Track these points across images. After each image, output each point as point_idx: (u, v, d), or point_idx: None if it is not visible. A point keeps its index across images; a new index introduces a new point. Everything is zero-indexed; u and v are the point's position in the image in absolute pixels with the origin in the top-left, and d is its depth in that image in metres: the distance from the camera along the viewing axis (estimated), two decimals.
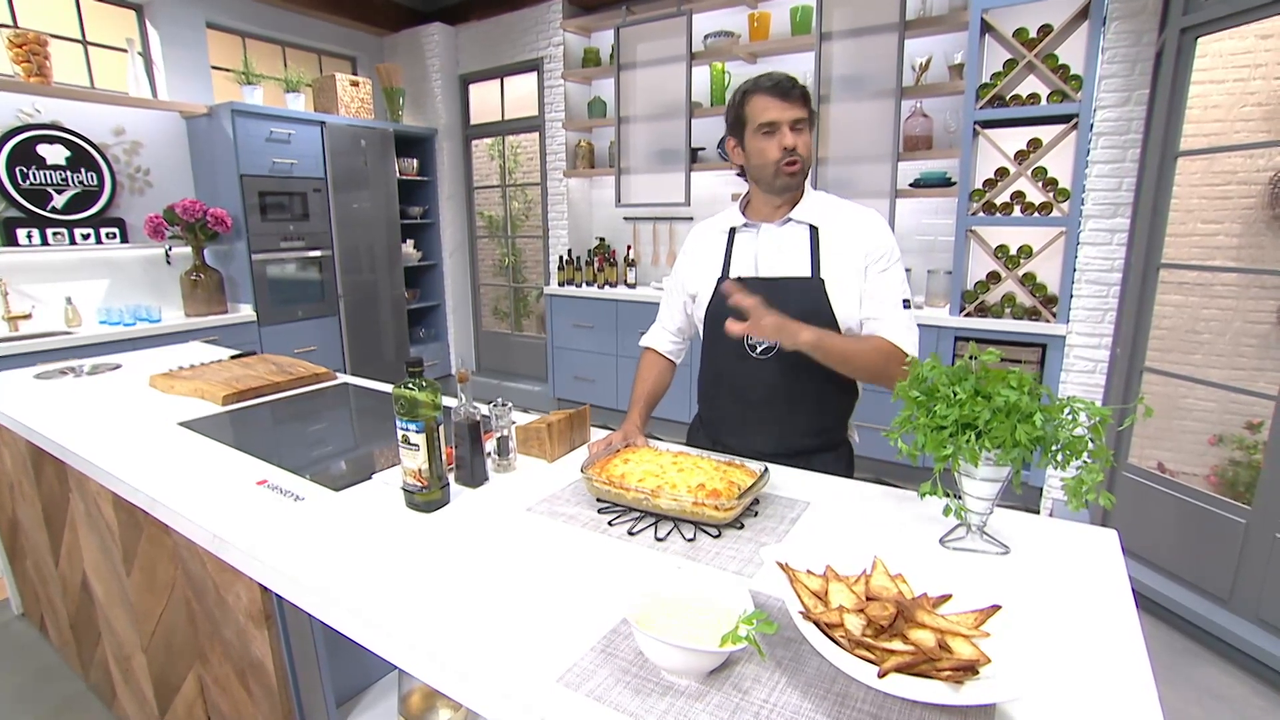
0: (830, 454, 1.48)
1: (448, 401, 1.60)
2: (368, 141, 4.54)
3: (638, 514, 1.14)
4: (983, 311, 3.19)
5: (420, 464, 1.15)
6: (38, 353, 3.07)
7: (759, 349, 1.41)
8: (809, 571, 0.84)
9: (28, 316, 3.40)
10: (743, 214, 1.47)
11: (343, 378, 2.17)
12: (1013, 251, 3.14)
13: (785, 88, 1.31)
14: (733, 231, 1.48)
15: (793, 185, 1.38)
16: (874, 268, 1.37)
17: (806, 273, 1.38)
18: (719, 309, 1.45)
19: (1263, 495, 2.13)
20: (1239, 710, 1.98)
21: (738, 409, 1.47)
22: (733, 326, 1.22)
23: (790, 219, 1.42)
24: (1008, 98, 3.01)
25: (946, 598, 0.79)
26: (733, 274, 1.45)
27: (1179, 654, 2.22)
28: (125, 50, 3.73)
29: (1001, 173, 3.09)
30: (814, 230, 1.40)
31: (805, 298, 1.37)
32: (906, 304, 1.38)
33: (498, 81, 5.07)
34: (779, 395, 1.42)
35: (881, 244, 1.37)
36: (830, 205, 1.42)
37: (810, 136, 1.36)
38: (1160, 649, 2.24)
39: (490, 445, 1.36)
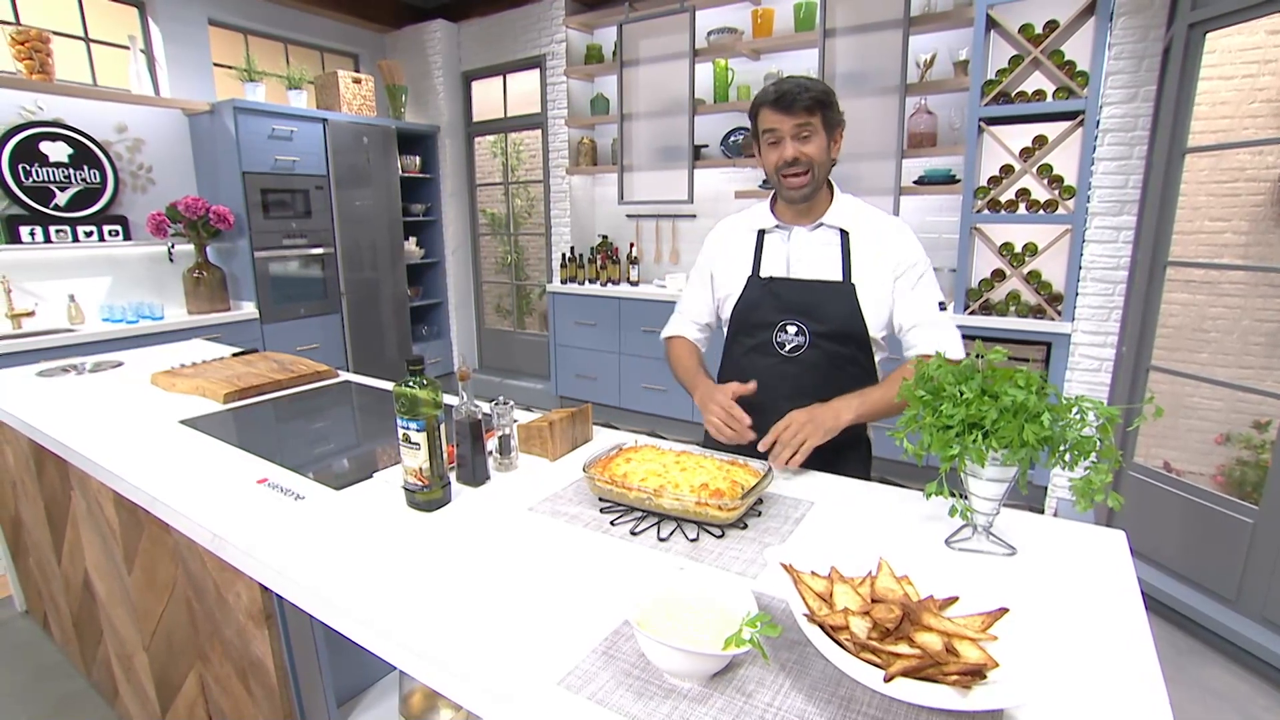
0: (852, 451, 1.49)
1: (449, 399, 1.59)
2: (370, 139, 4.53)
3: (640, 514, 1.13)
4: (987, 310, 3.18)
5: (421, 463, 1.14)
6: (40, 350, 3.07)
7: (787, 347, 1.42)
8: (813, 573, 0.83)
9: (31, 314, 3.40)
10: (773, 214, 1.47)
11: (345, 375, 2.17)
12: (1018, 249, 3.12)
13: (787, 101, 1.30)
14: (762, 233, 1.48)
15: (796, 196, 1.38)
16: (908, 277, 1.39)
17: (838, 277, 1.39)
18: (747, 308, 1.47)
19: (1270, 495, 2.11)
20: (1243, 710, 1.96)
21: (762, 405, 1.46)
22: (765, 445, 1.28)
23: (822, 223, 1.42)
24: (1013, 94, 2.99)
25: (953, 600, 0.78)
26: (763, 274, 1.45)
27: (1184, 653, 2.21)
28: (128, 47, 3.73)
29: (1006, 170, 3.07)
30: (845, 235, 1.40)
31: (837, 301, 1.38)
32: (942, 306, 1.41)
33: (500, 78, 5.06)
34: (805, 393, 1.41)
35: (912, 254, 1.40)
36: (861, 211, 1.44)
37: (824, 139, 1.34)
38: (1165, 649, 2.22)
39: (492, 444, 1.35)
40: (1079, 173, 2.88)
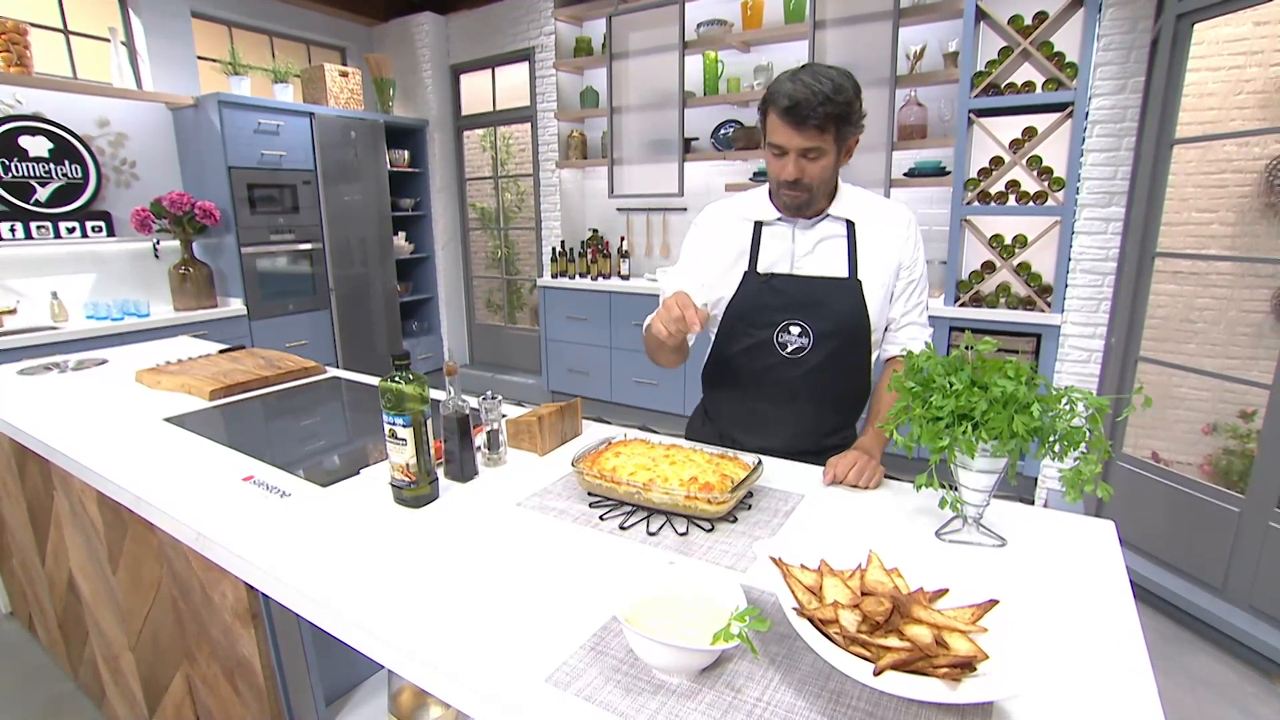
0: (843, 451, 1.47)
1: (437, 395, 1.58)
2: (358, 133, 4.49)
3: (630, 508, 1.12)
4: (977, 301, 3.18)
5: (408, 459, 1.13)
6: (23, 348, 3.03)
7: (789, 348, 1.35)
8: (803, 566, 0.82)
9: (12, 312, 3.35)
10: (774, 205, 1.37)
11: (333, 372, 2.15)
12: (1008, 241, 3.13)
13: (800, 115, 1.17)
14: (759, 225, 1.38)
15: (792, 208, 1.32)
16: (906, 274, 1.37)
17: (844, 273, 1.34)
18: (744, 306, 1.38)
19: (1256, 484, 2.13)
20: (1230, 697, 1.98)
21: (757, 407, 1.42)
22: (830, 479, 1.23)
23: (828, 214, 1.35)
24: (1003, 86, 2.99)
25: (943, 592, 0.77)
26: (761, 269, 1.37)
27: (1171, 642, 2.23)
28: (108, 40, 3.67)
29: (996, 161, 3.07)
30: (851, 226, 1.35)
31: (842, 298, 1.33)
32: (926, 306, 1.41)
33: (489, 72, 5.02)
34: (803, 395, 1.37)
35: (916, 251, 1.37)
36: (867, 201, 1.38)
37: (833, 158, 1.24)
38: (1153, 637, 2.24)
39: (480, 439, 1.34)
40: (1068, 164, 2.88)
